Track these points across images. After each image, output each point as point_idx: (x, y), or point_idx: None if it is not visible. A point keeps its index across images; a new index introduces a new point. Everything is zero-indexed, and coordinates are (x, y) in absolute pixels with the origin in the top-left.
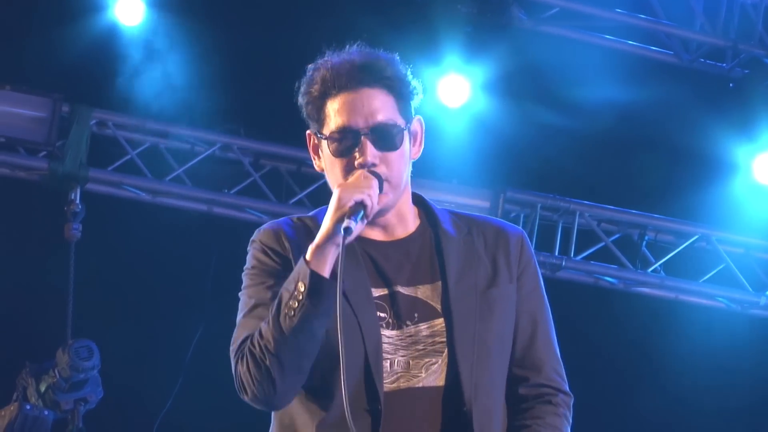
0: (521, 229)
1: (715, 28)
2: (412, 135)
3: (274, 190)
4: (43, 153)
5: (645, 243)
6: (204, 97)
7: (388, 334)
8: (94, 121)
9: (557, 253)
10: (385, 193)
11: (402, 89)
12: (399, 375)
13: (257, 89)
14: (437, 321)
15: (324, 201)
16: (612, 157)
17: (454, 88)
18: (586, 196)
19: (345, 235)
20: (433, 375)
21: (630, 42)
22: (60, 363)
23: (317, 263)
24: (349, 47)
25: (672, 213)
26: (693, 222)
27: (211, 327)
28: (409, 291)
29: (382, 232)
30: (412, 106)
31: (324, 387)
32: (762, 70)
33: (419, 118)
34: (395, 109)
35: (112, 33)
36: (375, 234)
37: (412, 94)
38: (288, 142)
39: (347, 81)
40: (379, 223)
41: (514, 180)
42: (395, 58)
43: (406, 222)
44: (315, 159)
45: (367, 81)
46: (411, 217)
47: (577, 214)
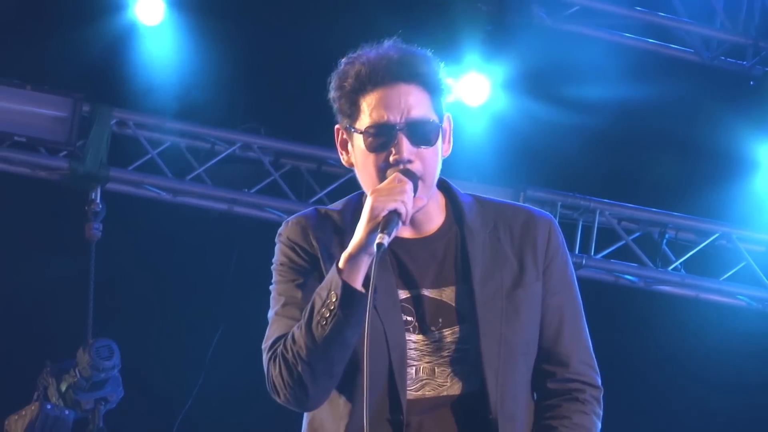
0: (550, 216)
1: (736, 25)
2: (443, 132)
3: (294, 189)
4: (64, 153)
5: (665, 241)
6: (224, 97)
7: (413, 339)
8: (114, 121)
9: (577, 252)
10: (419, 197)
11: (436, 86)
12: (424, 382)
13: (277, 88)
14: (462, 326)
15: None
16: (632, 155)
17: (474, 86)
18: (606, 194)
19: (378, 251)
20: (458, 383)
21: (650, 40)
22: (81, 362)
23: (349, 273)
24: (384, 42)
25: (692, 211)
26: (713, 220)
27: (232, 326)
28: (435, 294)
29: (409, 228)
30: (443, 103)
31: (348, 393)
32: None
33: (449, 115)
34: (429, 106)
35: (132, 32)
36: (402, 231)
37: (444, 91)
38: (308, 141)
39: (383, 76)
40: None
41: (534, 178)
42: (429, 54)
43: (433, 217)
44: (343, 154)
45: (403, 77)
46: (437, 210)
47: (598, 212)
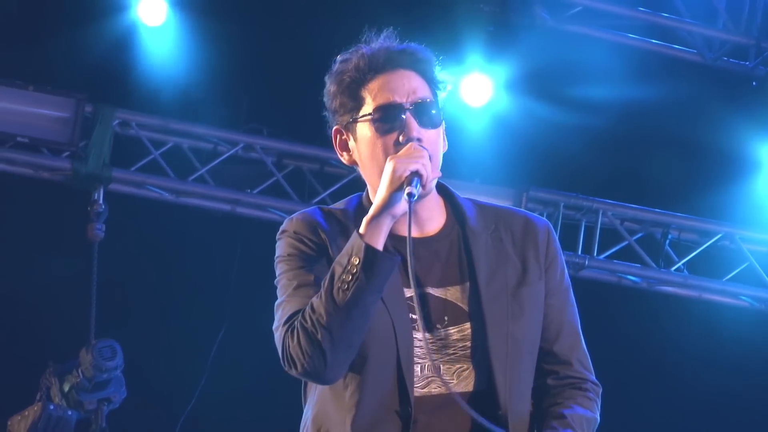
0: (546, 221)
1: (738, 26)
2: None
3: (297, 189)
4: (67, 153)
5: (668, 242)
6: (227, 97)
7: (419, 336)
8: (117, 121)
9: (580, 252)
10: (434, 169)
11: (434, 76)
12: (430, 380)
13: (280, 89)
14: (467, 325)
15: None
16: (635, 156)
17: (476, 87)
18: (609, 194)
19: (410, 200)
20: (465, 381)
21: (653, 40)
22: (83, 363)
23: (371, 236)
24: (379, 37)
25: (695, 211)
26: (716, 220)
27: (234, 326)
28: (439, 292)
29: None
30: (439, 97)
31: (354, 385)
32: None
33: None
34: (431, 93)
35: (135, 33)
36: (405, 230)
37: (442, 83)
38: (311, 141)
39: (384, 63)
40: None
41: (536, 179)
42: (426, 49)
43: (435, 216)
44: (343, 155)
45: (404, 64)
46: (439, 211)
47: (600, 212)
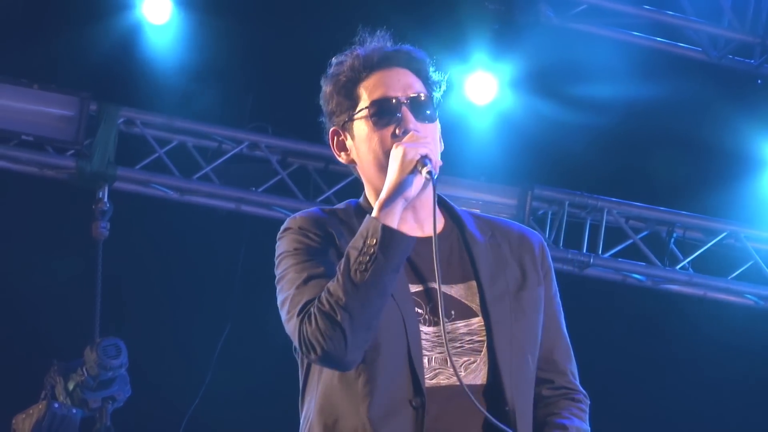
0: (540, 235)
1: (743, 24)
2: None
3: (301, 188)
4: (71, 152)
5: (673, 240)
6: (231, 95)
7: (425, 330)
8: (121, 120)
9: (585, 251)
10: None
11: (429, 75)
12: (437, 371)
13: (285, 87)
14: (474, 320)
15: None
16: (640, 154)
17: (481, 85)
18: (613, 193)
19: (432, 178)
20: (473, 374)
21: (658, 39)
22: (88, 361)
23: (386, 217)
24: (374, 37)
25: (700, 210)
26: (721, 219)
27: (239, 325)
28: (444, 289)
29: (413, 227)
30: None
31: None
32: None
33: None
34: (426, 90)
35: (139, 31)
36: (407, 229)
37: (437, 83)
38: (315, 140)
39: (379, 62)
40: (410, 219)
41: (541, 177)
42: (422, 50)
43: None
44: (342, 155)
45: (399, 63)
46: (437, 213)
47: (605, 211)
